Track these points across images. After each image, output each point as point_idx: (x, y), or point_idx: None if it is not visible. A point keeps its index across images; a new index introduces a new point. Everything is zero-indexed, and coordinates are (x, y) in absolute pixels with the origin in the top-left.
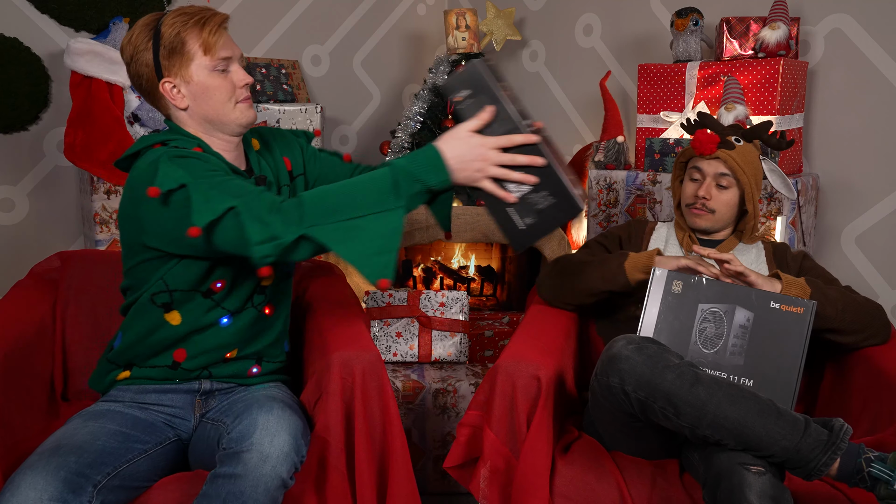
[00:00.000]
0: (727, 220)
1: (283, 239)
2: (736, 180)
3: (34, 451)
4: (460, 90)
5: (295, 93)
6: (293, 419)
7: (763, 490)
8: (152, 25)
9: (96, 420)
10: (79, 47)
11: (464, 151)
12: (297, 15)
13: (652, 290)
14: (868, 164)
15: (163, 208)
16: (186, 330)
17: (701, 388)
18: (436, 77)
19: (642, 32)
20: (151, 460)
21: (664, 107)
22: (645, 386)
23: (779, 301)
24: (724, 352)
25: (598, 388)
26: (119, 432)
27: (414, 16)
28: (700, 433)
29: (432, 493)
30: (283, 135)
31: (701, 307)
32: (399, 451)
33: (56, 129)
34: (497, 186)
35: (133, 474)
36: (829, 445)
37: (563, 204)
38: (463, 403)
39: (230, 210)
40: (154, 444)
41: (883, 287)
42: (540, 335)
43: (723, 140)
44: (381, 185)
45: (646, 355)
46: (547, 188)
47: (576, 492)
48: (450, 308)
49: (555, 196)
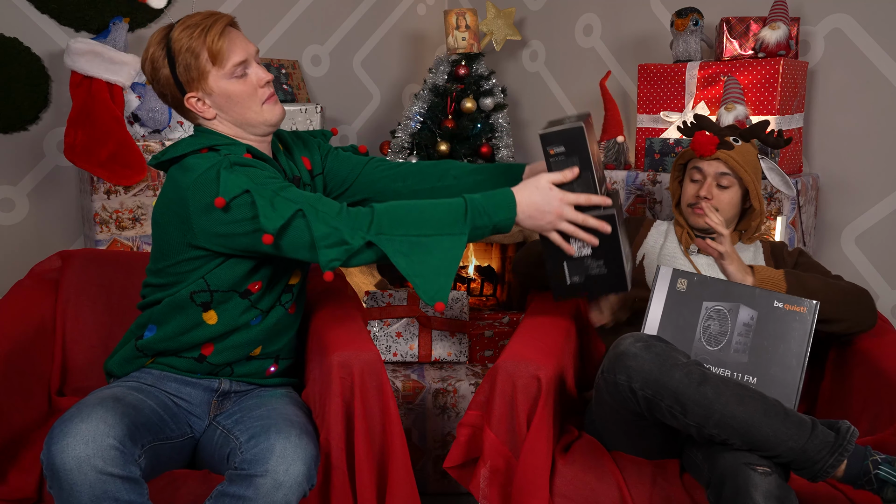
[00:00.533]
0: (729, 219)
1: (352, 243)
2: (738, 179)
3: (85, 397)
4: (557, 145)
5: (295, 93)
6: (309, 447)
7: (769, 490)
8: (164, 42)
9: (138, 392)
10: (79, 47)
11: (540, 201)
12: (297, 15)
13: (657, 288)
14: (868, 164)
15: (222, 213)
16: (222, 330)
17: (708, 387)
18: (436, 77)
19: (642, 32)
20: (173, 448)
21: (664, 107)
22: (652, 384)
23: (782, 300)
24: (729, 349)
25: (604, 386)
26: (156, 411)
27: (414, 16)
28: (707, 432)
29: (432, 493)
30: (300, 136)
31: (705, 305)
32: (399, 451)
33: (56, 129)
34: (562, 239)
35: (160, 454)
36: (836, 447)
37: (613, 279)
38: (463, 403)
39: (297, 213)
40: (178, 435)
41: (883, 287)
42: (540, 335)
43: (722, 141)
44: (454, 210)
45: (654, 353)
46: (604, 258)
47: (576, 491)
48: (450, 308)
49: (608, 267)
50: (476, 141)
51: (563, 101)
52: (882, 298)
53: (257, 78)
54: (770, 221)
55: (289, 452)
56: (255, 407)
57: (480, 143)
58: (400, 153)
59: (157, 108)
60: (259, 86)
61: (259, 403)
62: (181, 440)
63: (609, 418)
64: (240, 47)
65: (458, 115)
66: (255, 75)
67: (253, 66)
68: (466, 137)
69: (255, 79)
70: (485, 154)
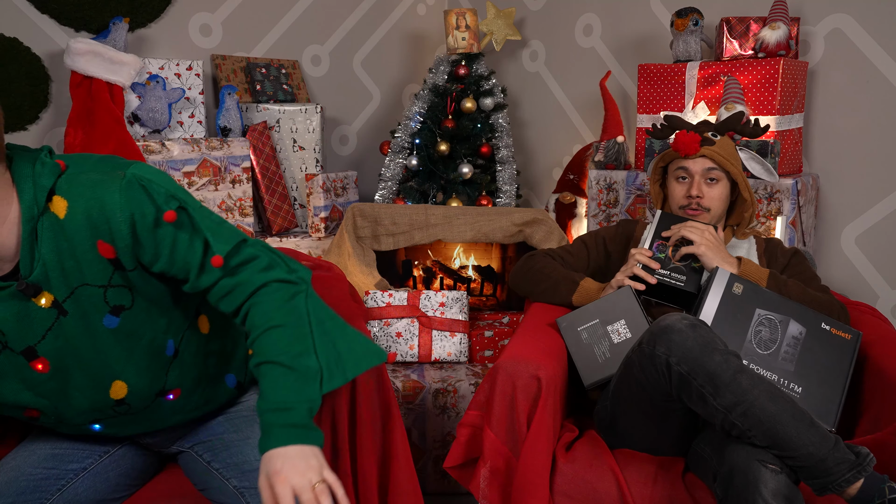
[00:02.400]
0: (721, 214)
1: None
2: (725, 173)
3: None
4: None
5: (295, 93)
6: None
7: (778, 489)
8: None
9: (27, 447)
10: (79, 47)
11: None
12: (297, 15)
13: (713, 286)
14: (868, 164)
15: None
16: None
17: (744, 377)
18: (436, 77)
19: (642, 32)
20: (96, 476)
21: (664, 107)
22: (691, 361)
23: (829, 324)
24: (777, 356)
25: (639, 359)
26: (49, 456)
27: (414, 16)
28: (731, 419)
29: (432, 493)
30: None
31: (758, 311)
32: (401, 450)
33: (56, 129)
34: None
35: (73, 499)
36: (856, 465)
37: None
38: (463, 403)
39: None
40: (99, 454)
41: (883, 287)
42: (540, 335)
43: (703, 137)
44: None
45: (698, 333)
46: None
47: (576, 490)
48: (450, 308)
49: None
50: (476, 141)
51: (563, 101)
52: (882, 298)
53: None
54: (770, 221)
55: None
56: (238, 441)
57: (480, 142)
58: (400, 153)
59: (157, 108)
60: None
61: (243, 438)
62: (109, 456)
63: (632, 399)
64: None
65: (458, 115)
66: None
67: None
68: (466, 137)
69: None
70: (485, 154)
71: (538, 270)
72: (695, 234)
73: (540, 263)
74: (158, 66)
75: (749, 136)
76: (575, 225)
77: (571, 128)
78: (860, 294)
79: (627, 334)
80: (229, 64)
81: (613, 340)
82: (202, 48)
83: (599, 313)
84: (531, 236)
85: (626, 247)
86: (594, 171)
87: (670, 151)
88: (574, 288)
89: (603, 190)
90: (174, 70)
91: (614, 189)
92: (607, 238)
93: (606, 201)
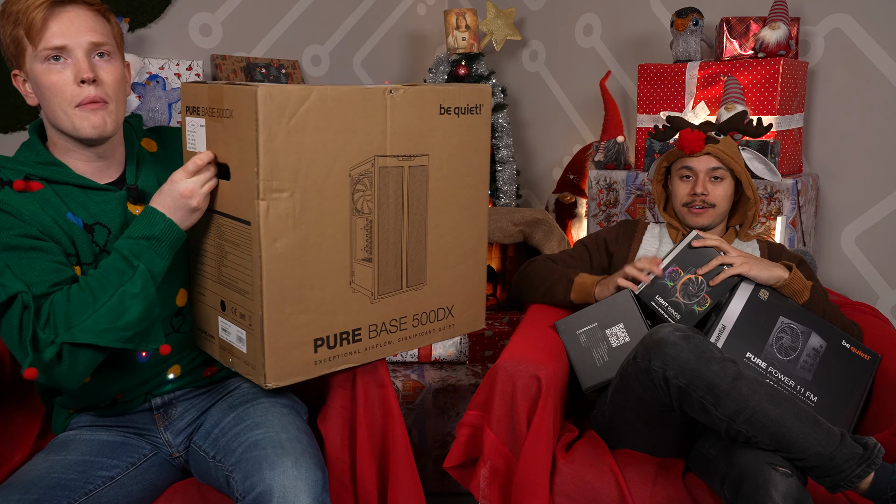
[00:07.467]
0: (725, 213)
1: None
2: (729, 171)
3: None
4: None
5: None
6: (311, 472)
7: (788, 492)
8: (6, 3)
9: (58, 452)
10: None
11: (167, 191)
12: (297, 15)
13: (740, 289)
14: (868, 164)
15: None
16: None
17: (743, 383)
18: (436, 77)
19: (642, 32)
20: (121, 487)
21: (664, 107)
22: (688, 373)
23: (849, 343)
24: (796, 363)
25: (634, 373)
26: (80, 462)
27: (414, 16)
28: (735, 427)
29: (432, 493)
30: None
31: (781, 319)
32: (402, 449)
33: None
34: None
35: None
36: (865, 459)
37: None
38: (463, 403)
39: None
40: (125, 466)
41: (883, 287)
42: (540, 335)
43: (707, 136)
44: (115, 260)
45: (692, 344)
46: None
47: (576, 490)
48: None
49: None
50: None
51: (563, 101)
52: (882, 298)
53: (75, 72)
54: (770, 221)
55: (288, 490)
56: (233, 425)
57: None
58: None
59: (158, 108)
60: (74, 82)
61: (238, 420)
62: (135, 468)
63: (630, 407)
64: (67, 29)
65: None
66: (75, 66)
67: (77, 58)
68: None
69: (72, 72)
70: None
71: (536, 275)
72: (729, 258)
73: (539, 268)
74: (158, 66)
75: (752, 136)
76: (575, 225)
77: (571, 128)
78: (860, 294)
79: (626, 338)
80: (229, 64)
81: (612, 344)
82: (202, 48)
83: (598, 317)
84: (531, 236)
85: (628, 247)
86: (594, 171)
87: (674, 150)
88: (570, 286)
89: (603, 190)
90: (174, 70)
91: (614, 189)
92: (608, 239)
93: (606, 201)
